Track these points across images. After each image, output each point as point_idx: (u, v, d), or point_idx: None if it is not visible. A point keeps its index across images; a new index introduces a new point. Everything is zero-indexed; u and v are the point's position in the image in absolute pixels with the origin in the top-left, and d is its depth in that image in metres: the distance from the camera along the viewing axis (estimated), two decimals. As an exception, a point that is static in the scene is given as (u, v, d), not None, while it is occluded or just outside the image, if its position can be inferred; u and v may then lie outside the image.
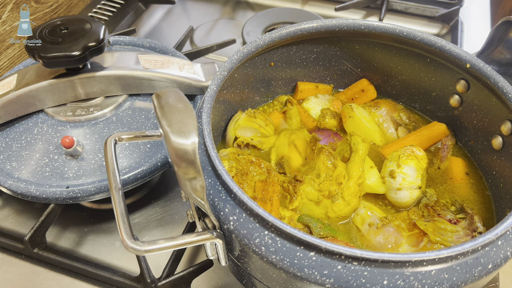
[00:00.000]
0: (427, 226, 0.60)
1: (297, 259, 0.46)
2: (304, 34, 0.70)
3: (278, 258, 0.46)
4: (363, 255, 0.44)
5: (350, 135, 0.66)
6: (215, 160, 0.51)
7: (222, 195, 0.51)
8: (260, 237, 0.47)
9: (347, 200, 0.61)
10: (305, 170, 0.66)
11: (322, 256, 0.45)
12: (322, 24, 0.70)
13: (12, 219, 0.78)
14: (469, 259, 0.46)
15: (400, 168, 0.63)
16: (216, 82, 0.61)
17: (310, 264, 0.45)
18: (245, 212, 0.48)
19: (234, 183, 0.49)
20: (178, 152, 0.42)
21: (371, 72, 0.79)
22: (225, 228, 0.50)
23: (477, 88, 0.67)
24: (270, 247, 0.47)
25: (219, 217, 0.50)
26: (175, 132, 0.43)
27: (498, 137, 0.66)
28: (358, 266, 0.45)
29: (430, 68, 0.72)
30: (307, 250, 0.46)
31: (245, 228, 0.48)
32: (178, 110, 0.46)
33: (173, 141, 0.42)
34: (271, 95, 0.80)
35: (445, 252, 0.44)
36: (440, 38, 0.68)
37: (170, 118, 0.45)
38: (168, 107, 0.47)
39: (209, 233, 0.50)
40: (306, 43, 0.74)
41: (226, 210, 0.50)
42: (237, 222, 0.49)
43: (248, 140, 0.71)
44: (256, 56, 0.70)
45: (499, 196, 0.65)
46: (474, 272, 0.46)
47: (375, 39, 0.73)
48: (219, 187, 0.51)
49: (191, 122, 0.44)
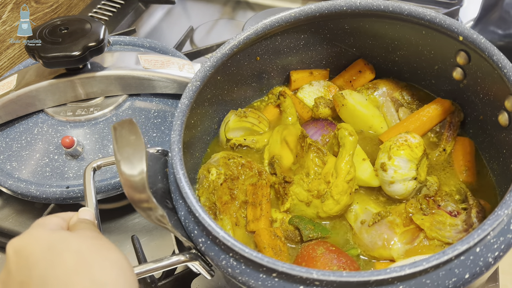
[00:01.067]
0: (424, 221, 0.57)
1: (261, 281, 0.46)
2: (283, 25, 0.67)
3: (244, 279, 0.46)
4: (320, 277, 0.42)
5: (337, 128, 0.63)
6: (181, 182, 0.51)
7: (191, 217, 0.51)
8: (225, 259, 0.48)
9: (336, 199, 0.59)
10: (296, 169, 0.64)
11: (283, 278, 0.45)
12: (300, 11, 0.66)
13: (12, 219, 0.79)
14: (441, 271, 0.43)
15: (391, 160, 0.59)
16: (188, 95, 0.60)
17: (273, 286, 0.45)
18: (207, 237, 0.49)
19: (198, 206, 0.49)
20: (128, 183, 0.44)
21: (367, 50, 0.73)
22: (198, 249, 0.51)
23: (478, 60, 0.60)
24: (236, 269, 0.47)
25: (191, 238, 0.51)
26: (124, 163, 0.44)
27: (504, 113, 0.59)
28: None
29: (428, 41, 0.66)
30: (268, 273, 0.45)
31: (212, 251, 0.49)
32: (129, 143, 0.46)
33: (123, 172, 0.44)
34: (265, 87, 0.78)
35: (408, 268, 0.41)
36: (429, 9, 0.61)
37: (122, 151, 0.46)
38: (121, 139, 0.47)
39: (183, 257, 0.51)
40: (291, 32, 0.71)
41: (196, 232, 0.50)
42: (205, 245, 0.49)
43: (240, 140, 0.70)
44: (237, 55, 0.68)
45: (509, 177, 0.59)
46: (447, 284, 0.43)
47: (363, 17, 0.67)
48: (188, 209, 0.52)
49: (138, 153, 0.45)
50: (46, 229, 0.47)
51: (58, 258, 0.42)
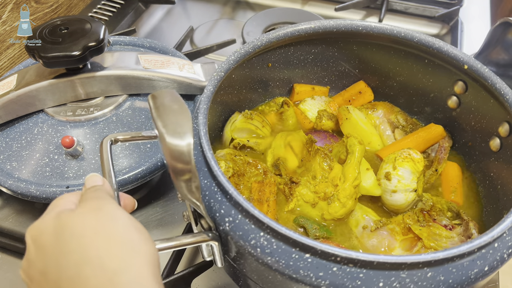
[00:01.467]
0: (422, 231, 0.60)
1: (293, 261, 0.46)
2: (301, 35, 0.70)
3: (273, 259, 0.46)
4: (359, 257, 0.43)
5: (346, 137, 0.66)
6: (211, 161, 0.51)
7: (217, 196, 0.51)
8: (255, 239, 0.47)
9: (343, 202, 0.61)
10: (301, 172, 0.66)
11: (317, 258, 0.45)
12: (320, 24, 0.70)
13: (12, 219, 0.78)
14: (465, 261, 0.46)
15: (396, 170, 0.63)
16: (212, 83, 0.61)
17: (305, 266, 0.45)
18: (240, 213, 0.48)
19: (230, 184, 0.49)
20: (173, 153, 0.42)
21: (369, 73, 0.79)
22: (221, 230, 0.50)
23: (475, 90, 0.67)
24: (266, 249, 0.47)
25: (215, 218, 0.50)
26: (170, 133, 0.43)
27: (495, 138, 0.65)
28: (353, 268, 0.45)
29: (428, 69, 0.72)
30: (302, 252, 0.45)
31: (241, 230, 0.48)
32: (174, 111, 0.46)
33: (168, 142, 0.42)
34: (268, 95, 0.80)
35: (441, 254, 0.44)
36: (437, 39, 0.68)
37: (165, 119, 0.45)
38: (163, 108, 0.47)
39: (204, 235, 0.50)
40: (304, 44, 0.74)
41: (222, 211, 0.50)
42: (233, 224, 0.49)
43: (244, 141, 0.71)
44: (253, 57, 0.70)
45: (496, 197, 0.65)
46: (470, 274, 0.46)
47: (373, 40, 0.73)
48: (215, 188, 0.51)
49: (186, 123, 0.44)
50: (54, 212, 0.44)
51: (66, 248, 0.40)
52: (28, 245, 0.43)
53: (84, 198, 0.46)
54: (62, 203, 0.46)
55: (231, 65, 0.64)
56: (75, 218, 0.42)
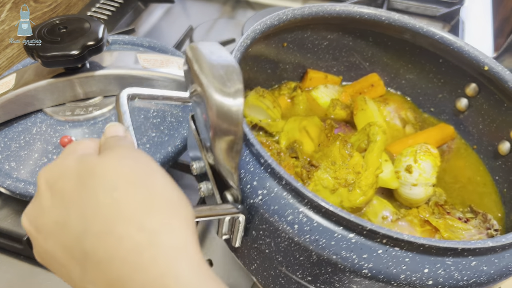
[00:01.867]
0: (439, 223, 0.59)
1: (335, 241, 0.42)
2: (325, 17, 0.67)
3: (313, 238, 0.42)
4: (409, 239, 0.41)
5: (369, 125, 0.64)
6: (246, 128, 0.47)
7: (249, 166, 0.46)
8: (293, 214, 0.43)
9: (364, 190, 0.59)
10: (319, 157, 0.62)
11: (363, 238, 0.42)
12: (344, 8, 0.68)
13: (11, 219, 0.75)
14: (507, 253, 0.45)
15: (418, 163, 0.61)
16: (239, 49, 0.56)
17: (348, 247, 0.42)
18: (278, 185, 0.44)
19: (266, 153, 0.45)
20: (221, 112, 0.38)
21: (380, 67, 0.78)
22: (251, 203, 0.45)
23: (488, 93, 0.67)
24: (305, 226, 0.43)
25: (245, 190, 0.46)
26: (219, 90, 0.38)
27: (505, 142, 0.66)
28: (399, 252, 0.42)
29: (441, 69, 0.72)
30: (347, 231, 0.42)
31: (277, 204, 0.44)
32: (221, 64, 0.41)
33: (217, 100, 0.37)
34: (276, 78, 0.77)
35: (490, 242, 0.42)
36: (459, 38, 0.68)
37: (213, 72, 0.40)
38: (207, 60, 0.42)
39: (233, 206, 0.45)
40: (321, 28, 0.72)
41: (254, 183, 0.45)
42: (267, 197, 0.44)
43: (256, 120, 0.67)
44: (271, 33, 0.67)
45: (502, 201, 0.66)
46: (510, 266, 0.44)
47: (392, 33, 0.71)
48: (247, 158, 0.47)
49: (237, 78, 0.40)
50: (76, 155, 0.38)
51: (94, 199, 0.34)
52: (41, 190, 0.36)
53: (107, 146, 0.40)
54: (81, 147, 0.39)
55: (256, 34, 0.60)
56: (105, 164, 0.36)
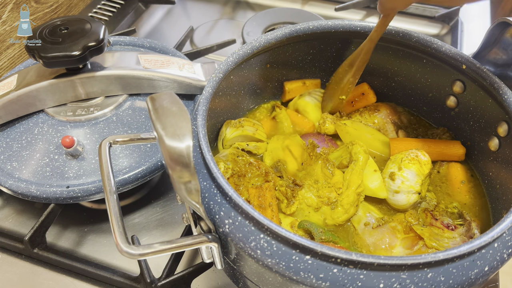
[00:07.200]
0: (423, 231, 0.60)
1: (293, 263, 0.46)
2: (300, 35, 0.70)
3: (273, 261, 0.46)
4: (359, 258, 0.43)
5: (351, 143, 0.66)
6: (210, 163, 0.51)
7: (217, 198, 0.51)
8: (255, 241, 0.47)
9: (346, 208, 0.61)
10: (302, 176, 0.65)
11: (317, 259, 0.45)
12: (318, 25, 0.70)
13: (12, 219, 0.78)
14: (466, 262, 0.46)
15: (401, 171, 0.63)
16: (211, 84, 0.60)
17: (306, 268, 0.45)
18: (240, 215, 0.48)
19: (229, 186, 0.49)
20: (173, 155, 0.42)
21: (368, 73, 0.78)
22: (221, 232, 0.50)
23: (473, 89, 0.67)
24: (266, 251, 0.47)
25: (214, 220, 0.50)
26: (170, 135, 0.43)
27: (494, 138, 0.65)
28: (354, 270, 0.44)
29: (426, 69, 0.72)
30: (302, 254, 0.45)
31: (240, 232, 0.48)
32: (173, 113, 0.46)
33: (167, 145, 0.42)
34: (266, 97, 0.80)
35: (441, 254, 0.44)
36: (436, 39, 0.68)
37: (164, 121, 0.44)
38: (162, 110, 0.46)
39: (204, 237, 0.50)
40: (302, 44, 0.74)
41: (221, 213, 0.50)
42: (233, 226, 0.49)
43: (243, 145, 0.70)
44: (252, 58, 0.70)
45: (495, 197, 0.65)
46: (470, 275, 0.46)
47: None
48: (214, 190, 0.51)
49: (185, 125, 0.44)
50: None
51: None
52: None
53: None
54: None
55: (229, 66, 0.64)
56: None
